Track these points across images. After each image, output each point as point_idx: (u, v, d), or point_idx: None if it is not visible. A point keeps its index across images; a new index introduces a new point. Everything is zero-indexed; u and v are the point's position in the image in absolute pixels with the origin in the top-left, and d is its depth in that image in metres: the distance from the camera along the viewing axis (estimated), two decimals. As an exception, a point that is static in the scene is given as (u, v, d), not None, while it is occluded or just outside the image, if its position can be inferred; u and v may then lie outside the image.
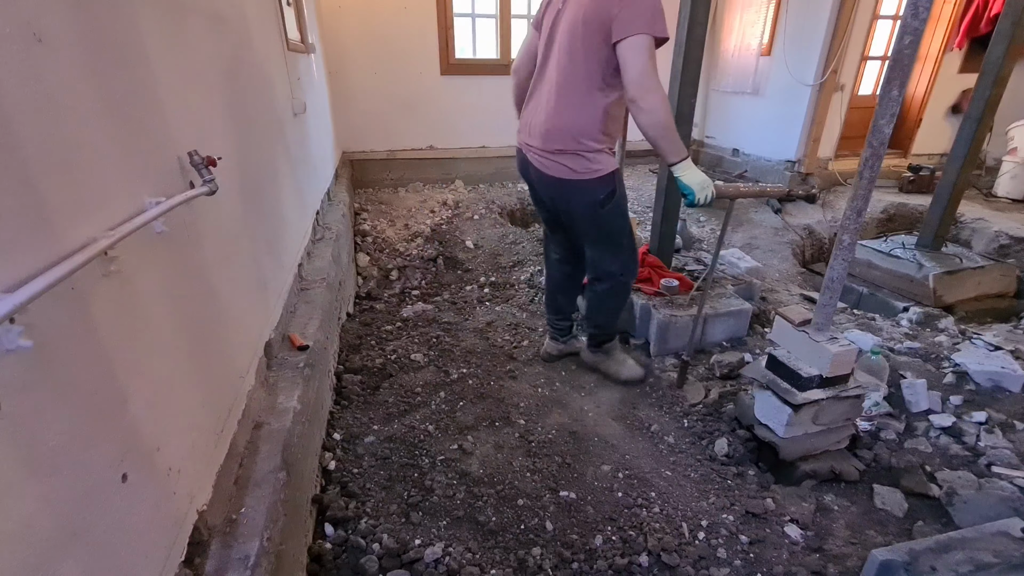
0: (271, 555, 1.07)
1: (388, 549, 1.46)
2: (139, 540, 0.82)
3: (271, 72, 2.01)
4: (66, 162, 0.73)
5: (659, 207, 2.75)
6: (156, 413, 0.90)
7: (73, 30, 0.77)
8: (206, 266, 1.19)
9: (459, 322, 2.81)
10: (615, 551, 1.50)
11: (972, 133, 3.10)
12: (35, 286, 0.59)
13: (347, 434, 1.90)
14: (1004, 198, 4.58)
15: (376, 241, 3.67)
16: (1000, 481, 1.67)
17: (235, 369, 1.31)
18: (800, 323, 1.71)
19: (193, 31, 1.25)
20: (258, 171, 1.72)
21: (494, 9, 4.70)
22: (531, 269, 3.44)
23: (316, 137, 2.97)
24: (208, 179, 1.09)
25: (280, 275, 1.85)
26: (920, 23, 1.30)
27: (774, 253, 3.80)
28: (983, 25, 4.55)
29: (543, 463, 1.81)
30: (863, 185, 1.46)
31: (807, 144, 4.64)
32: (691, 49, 2.37)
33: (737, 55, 5.15)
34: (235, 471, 1.19)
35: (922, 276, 3.22)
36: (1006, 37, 2.89)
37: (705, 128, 5.78)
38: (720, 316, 2.50)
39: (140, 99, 0.96)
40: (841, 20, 4.17)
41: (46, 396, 0.66)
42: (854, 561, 1.47)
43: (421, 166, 4.97)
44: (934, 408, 2.04)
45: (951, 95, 5.10)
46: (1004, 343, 2.39)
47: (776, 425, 1.74)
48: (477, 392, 2.19)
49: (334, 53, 4.33)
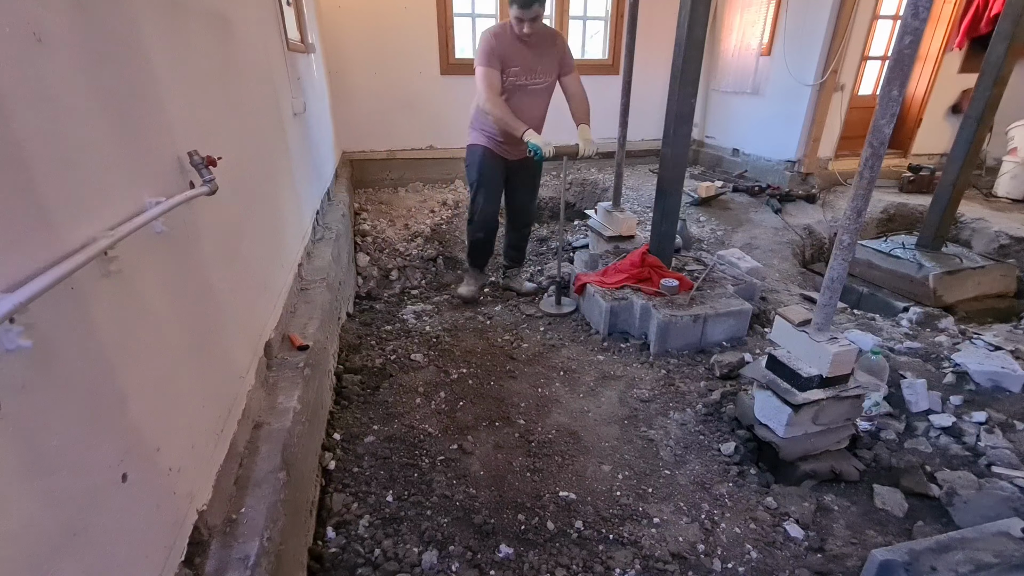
0: (271, 555, 1.07)
1: (388, 550, 1.46)
2: (139, 540, 0.82)
3: (271, 72, 2.01)
4: (66, 162, 0.73)
5: (659, 207, 2.75)
6: (156, 413, 0.90)
7: (73, 30, 0.77)
8: (206, 266, 1.18)
9: (459, 322, 2.81)
10: (615, 551, 1.50)
11: (972, 133, 3.10)
12: (35, 286, 0.59)
13: (347, 434, 1.90)
14: (1004, 198, 4.58)
15: (376, 241, 3.67)
16: (1000, 481, 1.67)
17: (235, 369, 1.31)
18: (800, 323, 1.71)
19: (193, 31, 1.25)
20: (258, 171, 1.72)
21: (494, 9, 4.71)
22: (531, 269, 3.44)
23: (316, 137, 2.96)
24: (208, 179, 1.09)
25: (280, 275, 1.85)
26: (920, 23, 1.30)
27: (774, 253, 3.80)
28: (983, 25, 4.54)
29: (543, 463, 1.81)
30: (863, 185, 1.46)
31: (807, 144, 4.64)
32: (691, 49, 2.37)
33: (737, 55, 5.15)
34: (235, 471, 1.19)
35: (922, 276, 3.22)
36: (1006, 37, 2.89)
37: (705, 128, 5.78)
38: (720, 316, 2.50)
39: (140, 99, 0.96)
40: (841, 20, 4.17)
41: (46, 396, 0.65)
42: (854, 561, 1.47)
43: (421, 166, 4.97)
44: (934, 408, 2.04)
45: (951, 95, 5.09)
46: (1004, 343, 2.39)
47: (776, 425, 1.74)
48: (477, 392, 2.19)
49: (334, 53, 4.33)
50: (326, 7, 4.22)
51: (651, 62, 4.83)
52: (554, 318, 2.87)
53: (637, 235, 3.17)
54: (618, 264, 2.87)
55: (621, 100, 2.96)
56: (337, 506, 1.59)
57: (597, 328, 2.69)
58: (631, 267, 2.77)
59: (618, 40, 5.06)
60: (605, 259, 3.04)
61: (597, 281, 2.76)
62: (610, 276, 2.79)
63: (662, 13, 4.56)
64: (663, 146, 2.63)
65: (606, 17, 5.11)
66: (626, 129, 3.03)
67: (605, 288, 2.69)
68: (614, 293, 2.65)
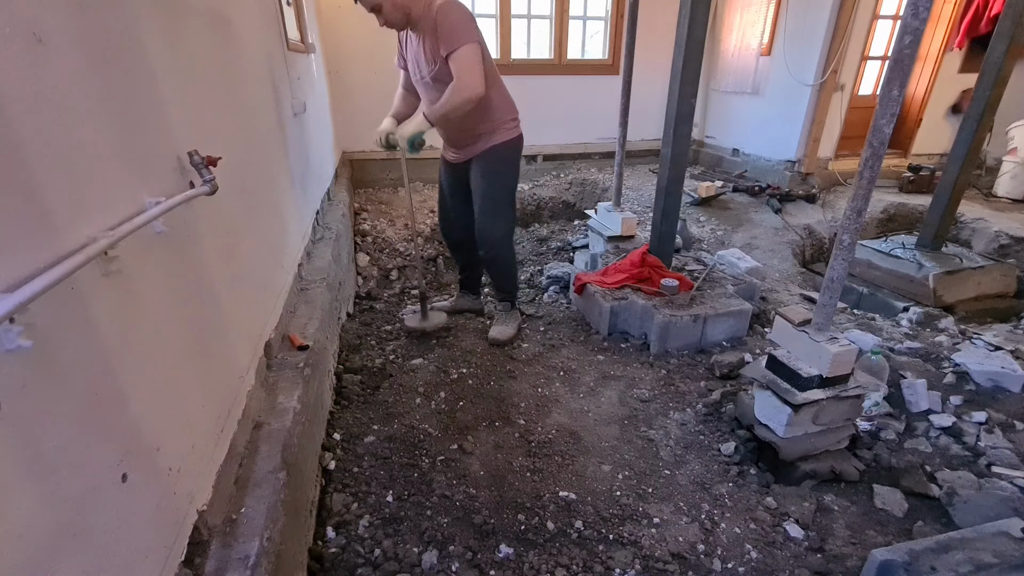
0: (271, 555, 1.07)
1: (388, 550, 1.46)
2: (139, 540, 0.82)
3: (271, 72, 2.01)
4: (66, 162, 0.73)
5: (659, 207, 2.75)
6: (156, 413, 0.90)
7: (73, 30, 0.77)
8: (206, 266, 1.18)
9: (459, 322, 2.81)
10: (615, 551, 1.50)
11: (972, 133, 3.10)
12: (35, 286, 0.59)
13: (347, 434, 1.90)
14: (1004, 198, 4.58)
15: (376, 241, 3.67)
16: (1000, 481, 1.67)
17: (235, 369, 1.31)
18: (800, 323, 1.71)
19: (193, 31, 1.25)
20: (258, 171, 1.72)
21: (494, 9, 4.70)
22: (531, 269, 3.44)
23: (316, 137, 2.97)
24: (208, 179, 1.09)
25: (280, 275, 1.85)
26: (920, 23, 1.30)
27: (774, 253, 3.80)
28: (983, 25, 4.54)
29: (543, 463, 1.81)
30: (863, 185, 1.46)
31: (807, 144, 4.64)
32: (691, 49, 2.37)
33: (737, 55, 5.15)
34: (235, 471, 1.19)
35: (922, 276, 3.22)
36: (1006, 37, 2.89)
37: (705, 128, 5.78)
38: (720, 316, 2.50)
39: (140, 99, 0.96)
40: (841, 20, 4.17)
41: (46, 396, 0.65)
42: (854, 561, 1.47)
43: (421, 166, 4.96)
44: (934, 408, 2.04)
45: (951, 95, 5.09)
46: (1004, 343, 2.39)
47: (776, 425, 1.74)
48: (477, 392, 2.19)
49: (334, 53, 4.33)
50: (326, 7, 4.22)
51: (651, 62, 4.83)
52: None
53: (637, 235, 3.17)
54: (618, 264, 2.87)
55: (621, 100, 2.96)
56: (337, 506, 1.59)
57: (597, 328, 2.69)
58: (631, 267, 2.77)
59: (618, 40, 5.06)
60: (605, 259, 3.04)
61: (597, 281, 2.76)
62: (610, 276, 2.79)
63: (662, 13, 4.56)
64: (663, 146, 2.63)
65: (606, 17, 5.11)
66: (626, 129, 3.03)
67: (605, 288, 2.69)
68: (614, 293, 2.65)
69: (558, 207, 4.91)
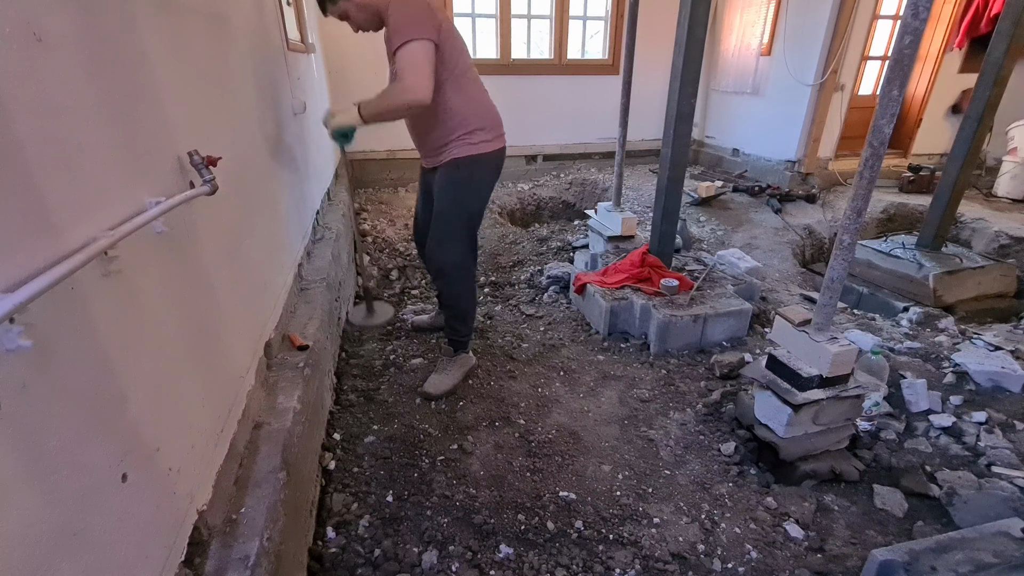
0: (271, 555, 1.07)
1: (388, 550, 1.46)
2: (139, 540, 0.82)
3: (271, 72, 2.01)
4: (66, 162, 0.73)
5: (659, 207, 2.75)
6: (156, 413, 0.90)
7: (73, 30, 0.77)
8: (206, 266, 1.18)
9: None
10: (615, 551, 1.50)
11: (972, 133, 3.09)
12: (35, 286, 0.59)
13: (347, 434, 1.90)
14: (1004, 198, 4.58)
15: (376, 241, 3.67)
16: (1000, 481, 1.67)
17: (235, 369, 1.31)
18: (800, 323, 1.71)
19: (193, 31, 1.25)
20: (258, 171, 1.72)
21: (494, 9, 4.71)
22: (531, 269, 3.44)
23: (316, 137, 2.96)
24: (208, 179, 1.09)
25: (280, 275, 1.85)
26: (920, 23, 1.30)
27: (774, 253, 3.80)
28: (983, 25, 4.55)
29: (543, 463, 1.81)
30: (863, 185, 1.46)
31: (807, 144, 4.64)
32: (691, 49, 2.37)
33: (737, 55, 5.15)
34: (235, 471, 1.19)
35: (922, 276, 3.22)
36: (1006, 37, 2.89)
37: (705, 128, 5.78)
38: (720, 316, 2.50)
39: (140, 99, 0.96)
40: (841, 20, 4.17)
41: (46, 396, 0.65)
42: (854, 561, 1.47)
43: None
44: (934, 408, 2.04)
45: (951, 95, 5.10)
46: (1004, 343, 2.39)
47: (776, 425, 1.74)
48: (477, 392, 2.19)
49: (334, 53, 4.33)
50: (326, 7, 4.22)
51: (651, 62, 4.84)
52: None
53: (637, 235, 3.17)
54: (618, 264, 2.87)
55: (621, 100, 2.96)
56: (337, 506, 1.59)
57: (597, 328, 2.69)
58: (631, 267, 2.77)
59: (618, 40, 5.06)
60: (605, 259, 3.04)
61: (597, 281, 2.76)
62: (610, 276, 2.79)
63: (662, 13, 4.56)
64: (663, 146, 2.63)
65: (606, 17, 5.11)
66: (626, 129, 3.03)
67: (605, 288, 2.69)
68: (614, 293, 2.65)
69: (558, 207, 4.92)
